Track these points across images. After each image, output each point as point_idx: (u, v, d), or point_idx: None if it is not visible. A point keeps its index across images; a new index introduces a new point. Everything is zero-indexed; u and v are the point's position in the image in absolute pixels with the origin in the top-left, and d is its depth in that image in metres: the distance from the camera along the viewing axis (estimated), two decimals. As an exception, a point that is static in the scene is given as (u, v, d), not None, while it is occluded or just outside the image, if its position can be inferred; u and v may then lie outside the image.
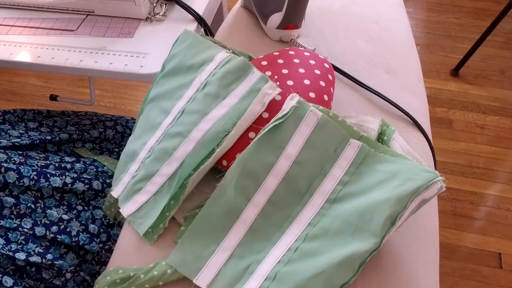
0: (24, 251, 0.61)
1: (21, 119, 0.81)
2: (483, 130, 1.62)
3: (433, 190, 0.50)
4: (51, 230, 0.63)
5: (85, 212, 0.69)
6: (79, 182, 0.69)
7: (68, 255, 0.66)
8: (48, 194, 0.68)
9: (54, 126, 0.82)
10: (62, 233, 0.64)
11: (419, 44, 1.94)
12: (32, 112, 0.83)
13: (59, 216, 0.65)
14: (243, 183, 0.54)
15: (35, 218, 0.64)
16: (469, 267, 1.28)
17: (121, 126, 0.86)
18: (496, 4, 2.06)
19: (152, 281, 0.51)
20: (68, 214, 0.67)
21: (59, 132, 0.80)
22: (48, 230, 0.63)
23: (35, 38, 0.81)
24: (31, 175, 0.66)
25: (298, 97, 0.56)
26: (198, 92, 0.61)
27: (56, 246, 0.65)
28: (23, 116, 0.82)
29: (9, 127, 0.78)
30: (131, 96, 1.76)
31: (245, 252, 0.52)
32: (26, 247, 0.62)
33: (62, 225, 0.65)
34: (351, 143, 0.55)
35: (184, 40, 0.67)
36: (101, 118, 0.87)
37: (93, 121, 0.86)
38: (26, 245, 0.62)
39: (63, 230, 0.64)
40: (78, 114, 0.87)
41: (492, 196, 1.44)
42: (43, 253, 0.62)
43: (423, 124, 0.71)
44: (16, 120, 0.81)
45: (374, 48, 0.82)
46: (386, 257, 0.54)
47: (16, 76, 1.83)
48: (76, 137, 0.79)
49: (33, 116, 0.83)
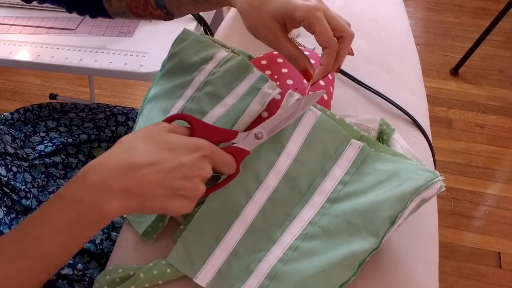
0: None
1: (38, 116, 0.82)
2: (482, 129, 1.62)
3: (433, 189, 0.50)
4: None
5: None
6: None
7: (91, 263, 0.66)
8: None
9: (72, 124, 0.83)
10: (88, 241, 0.64)
11: (418, 44, 1.94)
12: (47, 109, 0.83)
13: None
14: (243, 180, 0.54)
15: None
16: (469, 266, 1.28)
17: (132, 121, 0.86)
18: (495, 3, 2.06)
19: (152, 280, 0.51)
20: None
21: (77, 131, 0.80)
22: None
23: (34, 37, 0.81)
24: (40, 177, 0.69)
25: (297, 94, 0.56)
26: (198, 92, 0.61)
27: (80, 255, 0.65)
28: (39, 113, 0.82)
29: (30, 129, 0.79)
30: (131, 95, 1.76)
31: (245, 251, 0.52)
32: None
33: None
34: (352, 144, 0.55)
35: (184, 39, 0.67)
36: (113, 111, 0.86)
37: (107, 114, 0.85)
38: None
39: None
40: (91, 108, 0.87)
41: (492, 195, 1.44)
42: (73, 264, 0.61)
43: (423, 124, 0.71)
44: (35, 118, 0.81)
45: (374, 47, 0.82)
46: (385, 257, 0.54)
47: (15, 75, 1.83)
48: (94, 137, 0.80)
49: (48, 113, 0.83)
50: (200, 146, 0.44)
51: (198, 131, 0.48)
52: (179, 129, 0.47)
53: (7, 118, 0.76)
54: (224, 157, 0.47)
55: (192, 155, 0.43)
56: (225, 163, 0.48)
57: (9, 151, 0.69)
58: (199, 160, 0.44)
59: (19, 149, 0.72)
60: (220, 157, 0.47)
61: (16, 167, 0.68)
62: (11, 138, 0.72)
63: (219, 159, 0.47)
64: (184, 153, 0.43)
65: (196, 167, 0.44)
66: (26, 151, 0.73)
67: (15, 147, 0.71)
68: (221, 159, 0.47)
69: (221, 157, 0.47)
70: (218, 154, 0.46)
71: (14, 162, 0.69)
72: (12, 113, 0.77)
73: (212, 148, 0.46)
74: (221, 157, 0.47)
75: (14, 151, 0.70)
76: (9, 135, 0.72)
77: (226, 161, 0.48)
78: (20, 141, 0.74)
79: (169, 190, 0.42)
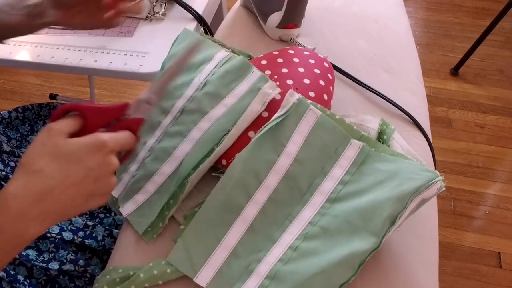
0: (57, 260, 0.61)
1: (38, 115, 0.81)
2: (482, 129, 1.62)
3: (433, 189, 0.50)
4: (79, 235, 0.64)
5: (107, 218, 0.69)
6: None
7: (92, 260, 0.66)
8: None
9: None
10: (89, 237, 0.64)
11: (418, 44, 1.94)
12: (47, 108, 0.83)
13: (84, 223, 0.65)
14: (244, 180, 0.54)
15: (61, 225, 0.64)
16: (469, 266, 1.28)
17: None
18: (495, 3, 2.06)
19: (152, 280, 0.51)
20: (92, 221, 0.67)
21: None
22: (75, 235, 0.63)
23: (34, 37, 0.81)
24: None
25: (298, 94, 0.56)
26: (198, 91, 0.61)
27: (82, 252, 0.65)
28: (39, 112, 0.81)
29: (28, 128, 0.78)
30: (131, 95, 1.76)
31: (245, 251, 0.52)
32: (57, 255, 0.61)
33: (88, 231, 0.65)
34: (352, 144, 0.55)
35: (184, 39, 0.67)
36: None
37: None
38: (58, 252, 0.62)
39: (90, 235, 0.65)
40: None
41: (492, 195, 1.44)
42: (75, 260, 0.62)
43: (423, 124, 0.71)
44: (34, 118, 0.80)
45: (374, 47, 0.82)
46: (385, 257, 0.54)
47: (15, 75, 1.83)
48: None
49: (49, 112, 0.83)
50: (101, 144, 0.44)
51: (90, 117, 0.46)
52: (71, 125, 0.45)
53: (4, 116, 0.75)
54: (124, 139, 0.48)
55: (96, 156, 0.43)
56: (126, 143, 0.48)
57: (5, 149, 0.69)
58: (104, 158, 0.44)
59: (15, 148, 0.71)
60: (121, 142, 0.47)
61: (14, 163, 0.68)
62: (6, 138, 0.72)
63: (121, 144, 0.47)
64: (88, 158, 0.43)
65: (104, 166, 0.44)
66: (22, 151, 0.72)
67: (11, 146, 0.71)
68: (122, 142, 0.47)
69: (121, 141, 0.47)
70: (119, 140, 0.47)
71: (11, 158, 0.69)
72: (10, 111, 0.77)
73: (111, 139, 0.45)
74: (122, 141, 0.47)
75: (10, 149, 0.69)
76: (4, 135, 0.72)
77: (126, 142, 0.48)
78: (16, 141, 0.74)
79: (84, 196, 0.44)
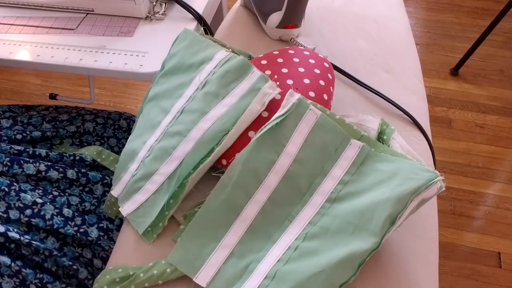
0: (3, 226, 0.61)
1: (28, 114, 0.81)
2: (482, 129, 1.62)
3: (433, 189, 0.50)
4: (25, 214, 0.63)
5: (60, 197, 0.69)
6: (53, 170, 0.69)
7: (48, 239, 0.66)
8: (23, 180, 0.68)
9: (29, 123, 0.81)
10: (36, 216, 0.64)
11: (418, 44, 1.94)
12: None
13: (33, 200, 0.65)
14: (243, 180, 0.54)
15: (8, 201, 0.64)
16: (468, 266, 1.28)
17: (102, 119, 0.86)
18: (495, 3, 2.06)
19: (152, 280, 0.51)
20: (42, 198, 0.66)
21: (31, 128, 0.79)
22: (22, 214, 0.63)
23: (34, 37, 0.81)
24: (4, 161, 0.67)
25: (298, 94, 0.56)
26: (198, 91, 0.61)
27: (34, 232, 0.65)
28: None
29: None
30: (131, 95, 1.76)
31: (245, 251, 0.52)
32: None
33: (36, 208, 0.64)
34: (352, 144, 0.55)
35: (184, 39, 0.67)
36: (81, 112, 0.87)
37: (72, 115, 0.85)
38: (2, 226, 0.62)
39: (37, 213, 0.64)
40: (56, 107, 0.87)
41: (492, 195, 1.44)
42: (22, 233, 0.62)
43: (423, 124, 0.71)
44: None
45: (374, 47, 0.82)
46: (385, 257, 0.55)
47: (15, 75, 1.83)
48: (51, 135, 0.79)
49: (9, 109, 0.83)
50: None
51: None
52: None
53: None
54: None
55: None
56: None
57: None
58: None
59: None
60: None
61: None
62: None
63: None
64: None
65: None
66: None
67: None
68: None
69: None
70: None
71: None
72: None
73: None
74: None
75: None
76: None
77: None
78: None
79: None
